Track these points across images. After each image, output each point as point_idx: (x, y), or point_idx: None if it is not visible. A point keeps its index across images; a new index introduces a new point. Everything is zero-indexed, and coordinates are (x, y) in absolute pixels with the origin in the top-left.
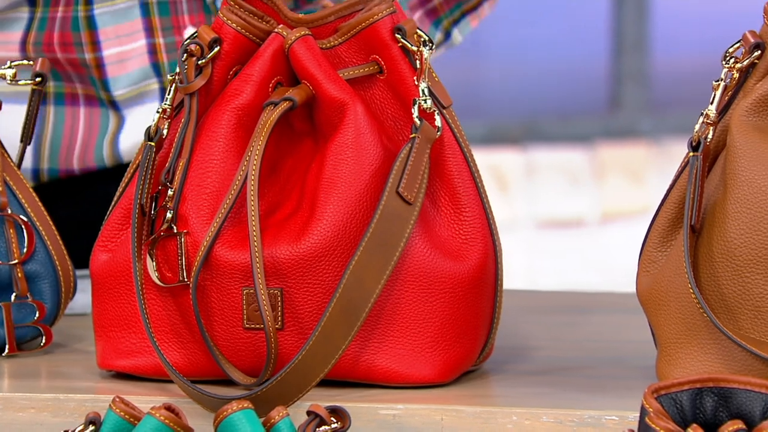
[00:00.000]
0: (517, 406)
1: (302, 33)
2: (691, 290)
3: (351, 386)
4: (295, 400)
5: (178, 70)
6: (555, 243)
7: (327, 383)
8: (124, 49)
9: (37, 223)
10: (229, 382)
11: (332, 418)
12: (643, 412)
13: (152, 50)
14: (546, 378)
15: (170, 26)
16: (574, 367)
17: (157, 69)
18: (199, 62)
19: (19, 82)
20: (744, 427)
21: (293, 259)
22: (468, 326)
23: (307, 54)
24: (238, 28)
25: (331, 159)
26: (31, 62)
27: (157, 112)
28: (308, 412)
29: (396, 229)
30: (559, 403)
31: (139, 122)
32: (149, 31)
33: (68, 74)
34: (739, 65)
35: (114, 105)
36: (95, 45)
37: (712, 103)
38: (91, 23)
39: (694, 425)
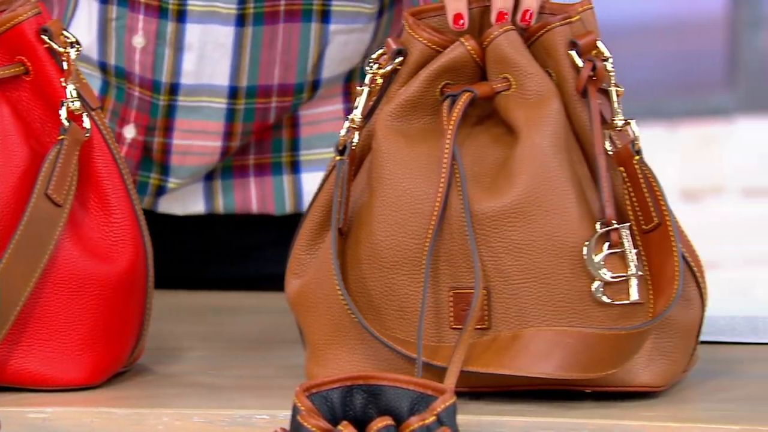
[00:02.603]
0: (167, 406)
1: None
2: (339, 291)
3: (0, 390)
4: None
5: None
6: None
7: None
8: None
9: None
10: None
11: None
12: (295, 411)
13: None
14: (197, 378)
15: None
16: (224, 367)
17: None
18: None
19: None
20: (393, 423)
21: None
22: (118, 327)
23: None
24: None
25: None
26: None
27: None
28: None
29: (45, 231)
30: (210, 403)
31: None
32: None
33: None
34: (382, 71)
35: None
36: None
37: (356, 108)
38: None
39: (345, 422)
